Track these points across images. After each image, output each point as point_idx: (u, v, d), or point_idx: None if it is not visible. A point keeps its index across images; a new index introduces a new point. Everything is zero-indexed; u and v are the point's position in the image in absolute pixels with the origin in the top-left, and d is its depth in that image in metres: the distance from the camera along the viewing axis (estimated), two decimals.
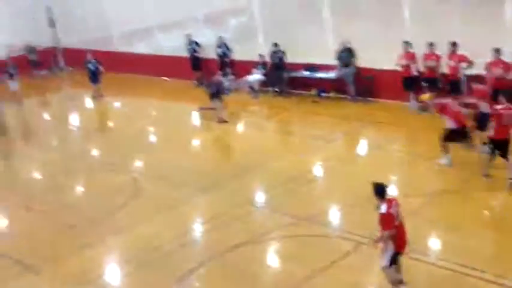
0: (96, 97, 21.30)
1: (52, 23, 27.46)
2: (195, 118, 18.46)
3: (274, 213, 11.18)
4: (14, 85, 21.70)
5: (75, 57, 25.48)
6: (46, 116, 21.87)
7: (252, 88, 19.32)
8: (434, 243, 9.70)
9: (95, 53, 22.21)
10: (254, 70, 19.52)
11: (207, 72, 20.18)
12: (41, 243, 11.03)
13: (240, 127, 17.56)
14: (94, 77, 21.16)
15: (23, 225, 12.05)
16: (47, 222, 11.99)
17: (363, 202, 9.75)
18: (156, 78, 23.09)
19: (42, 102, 23.57)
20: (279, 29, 19.61)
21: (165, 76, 22.99)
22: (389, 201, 7.83)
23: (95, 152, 16.66)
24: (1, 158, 17.03)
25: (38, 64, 26.50)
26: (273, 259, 9.90)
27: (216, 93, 16.97)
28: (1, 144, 17.89)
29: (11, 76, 21.72)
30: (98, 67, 21.16)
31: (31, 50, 26.38)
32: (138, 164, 14.90)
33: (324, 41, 18.62)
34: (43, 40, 27.04)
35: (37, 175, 15.30)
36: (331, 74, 17.70)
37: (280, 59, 18.69)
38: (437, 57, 15.16)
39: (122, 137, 17.23)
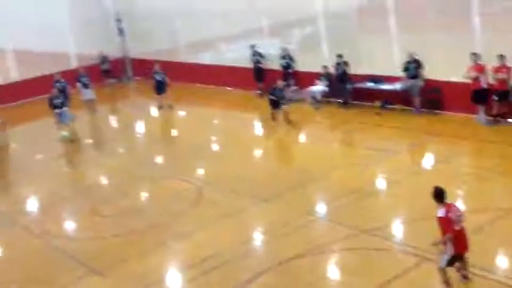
0: (162, 107, 21.71)
1: (121, 34, 28.37)
2: (258, 128, 18.54)
3: (335, 224, 11.06)
4: (88, 94, 22.26)
5: (142, 67, 26.19)
6: (114, 124, 22.52)
7: (314, 99, 19.25)
8: (502, 260, 9.33)
9: (162, 63, 22.74)
10: (317, 81, 19.46)
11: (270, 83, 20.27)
12: (106, 247, 11.33)
13: (302, 137, 17.53)
14: (160, 87, 21.58)
15: (90, 229, 12.43)
16: (112, 227, 12.30)
17: (427, 216, 9.48)
18: (220, 88, 23.39)
19: (111, 110, 24.28)
20: (343, 40, 19.51)
21: (228, 86, 23.25)
22: (448, 206, 7.90)
23: (159, 160, 16.99)
24: (72, 164, 17.63)
25: (109, 73, 27.39)
26: (332, 271, 9.77)
27: (280, 98, 17.13)
28: (73, 151, 18.49)
29: (85, 85, 22.26)
30: (164, 78, 21.57)
31: (104, 59, 27.29)
32: (201, 172, 15.09)
33: (389, 52, 18.38)
34: (113, 50, 27.96)
35: (105, 181, 15.74)
36: (397, 86, 17.42)
37: (344, 70, 18.57)
38: (508, 70, 14.68)
39: (186, 146, 17.51)
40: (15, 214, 13.58)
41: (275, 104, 17.79)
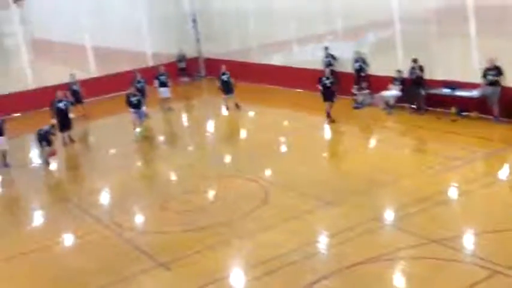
0: (228, 107, 21.93)
1: (196, 33, 28.91)
2: (327, 131, 18.41)
3: (403, 232, 10.80)
4: (165, 92, 22.72)
5: (215, 67, 26.56)
6: (186, 122, 22.95)
7: (387, 104, 18.92)
8: None
9: (233, 63, 22.97)
10: (391, 85, 19.11)
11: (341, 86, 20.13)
12: (173, 241, 11.55)
13: (373, 142, 17.26)
14: (227, 88, 21.81)
15: (158, 223, 12.72)
16: (179, 222, 12.53)
17: (500, 228, 9.13)
18: (290, 89, 23.40)
19: (184, 108, 24.76)
20: (419, 44, 19.07)
21: (299, 88, 23.20)
22: None
23: (227, 158, 17.18)
24: (144, 159, 18.09)
25: (185, 72, 27.96)
26: (397, 280, 9.54)
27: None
28: (145, 147, 18.98)
29: (163, 83, 22.69)
30: (229, 78, 21.74)
31: (182, 58, 27.88)
32: (268, 172, 15.13)
33: (466, 58, 17.80)
34: (188, 49, 28.52)
35: (174, 177, 16.07)
36: (474, 93, 16.85)
37: (419, 75, 18.14)
38: None
39: (254, 145, 17.61)
40: (88, 205, 14.07)
41: (327, 96, 18.28)
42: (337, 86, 19.17)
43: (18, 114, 23.20)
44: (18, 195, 16.08)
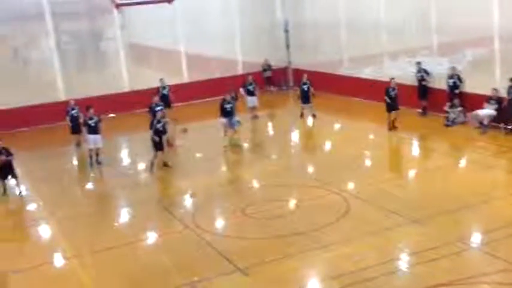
0: (304, 115, 22.03)
1: (287, 44, 29.10)
2: (415, 147, 17.92)
3: (489, 256, 10.30)
4: (252, 101, 22.98)
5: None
6: (271, 130, 23.08)
7: (481, 123, 18.19)
8: None
9: (322, 75, 22.89)
10: (486, 104, 18.36)
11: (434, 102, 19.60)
12: (252, 247, 11.60)
13: (463, 161, 16.63)
14: (305, 97, 21.86)
15: (238, 229, 12.84)
16: (259, 229, 12.59)
17: None
18: (378, 103, 22.99)
19: (269, 117, 24.94)
20: None
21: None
22: None
23: (310, 169, 17.09)
24: (229, 165, 18.31)
25: (270, 81, 28.21)
26: None
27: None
28: (230, 153, 19.23)
29: (251, 92, 22.95)
30: (310, 88, 21.77)
31: (268, 67, 28.17)
32: (351, 185, 14.90)
33: None
34: (277, 59, 28.75)
35: (256, 184, 16.18)
36: None
37: None
38: None
39: (338, 157, 17.42)
40: (172, 206, 14.43)
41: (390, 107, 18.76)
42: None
43: (113, 115, 24.17)
44: (108, 193, 16.73)
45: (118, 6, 19.17)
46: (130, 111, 24.01)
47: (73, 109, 20.51)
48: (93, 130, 17.84)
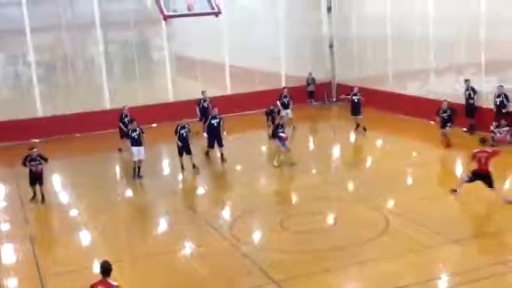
0: (356, 128, 21.91)
1: (331, 58, 29.04)
2: (458, 166, 17.53)
3: None
4: (287, 113, 22.99)
5: (346, 93, 26.42)
6: (311, 143, 22.93)
7: None
8: None
9: (365, 90, 22.72)
10: None
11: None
12: (288, 261, 11.49)
13: (508, 183, 16.14)
14: (355, 108, 21.88)
15: (275, 241, 12.74)
16: (296, 242, 12.48)
17: None
18: (423, 120, 22.69)
19: (310, 130, 24.83)
20: None
21: (432, 120, 22.40)
22: None
23: (349, 183, 16.89)
24: (268, 177, 18.23)
25: (313, 95, 28.13)
26: None
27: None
28: (271, 166, 19.21)
29: (285, 105, 23.04)
30: (360, 99, 21.75)
31: (311, 81, 28.13)
32: (392, 202, 14.65)
33: None
34: (321, 73, 28.68)
35: (295, 197, 16.08)
36: None
37: None
38: None
39: (379, 174, 17.17)
40: (210, 216, 14.45)
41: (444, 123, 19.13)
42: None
43: (155, 125, 24.45)
44: (148, 201, 16.89)
45: (166, 17, 19.45)
46: (173, 121, 24.21)
47: (126, 116, 20.91)
48: (136, 142, 18.02)
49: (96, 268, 11.25)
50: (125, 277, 11.32)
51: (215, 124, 19.38)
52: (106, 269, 8.40)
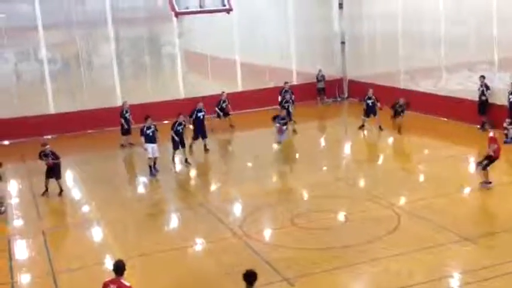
0: (360, 128, 22.04)
1: (343, 55, 28.93)
2: (471, 164, 17.41)
3: None
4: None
5: (357, 89, 26.36)
6: (319, 140, 22.83)
7: None
8: None
9: (377, 87, 22.65)
10: None
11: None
12: (299, 258, 11.49)
13: None
14: (369, 111, 21.85)
15: (285, 238, 12.74)
16: (307, 240, 12.47)
17: None
18: (435, 117, 22.59)
19: (318, 127, 24.74)
20: None
21: (445, 117, 22.31)
22: None
23: (361, 181, 16.85)
24: (279, 174, 18.25)
25: (323, 92, 28.06)
26: None
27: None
28: (281, 163, 19.21)
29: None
30: (375, 103, 21.71)
31: (321, 78, 28.06)
32: (402, 200, 14.59)
33: None
34: (332, 70, 28.60)
35: (306, 194, 16.06)
36: None
37: None
38: None
39: (391, 171, 17.13)
40: (220, 213, 14.47)
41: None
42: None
43: (166, 122, 24.50)
44: (159, 197, 16.93)
45: (178, 14, 19.44)
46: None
47: (126, 111, 21.54)
48: (151, 139, 17.95)
49: (108, 264, 11.36)
50: (135, 274, 11.37)
51: (201, 117, 20.12)
52: (119, 268, 8.42)
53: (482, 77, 20.53)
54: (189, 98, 25.63)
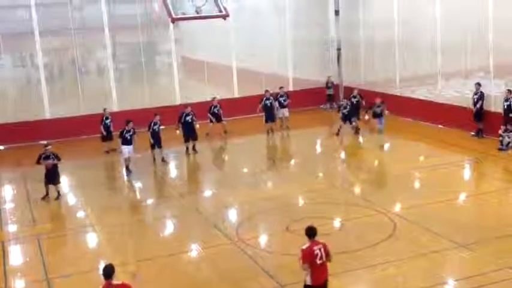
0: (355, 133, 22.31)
1: (339, 62, 29.06)
2: (466, 170, 17.48)
3: None
4: (283, 112, 23.93)
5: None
6: (313, 146, 22.67)
7: None
8: None
9: (373, 94, 22.73)
10: None
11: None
12: (295, 264, 11.28)
13: None
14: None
15: (281, 245, 12.75)
16: (302, 245, 12.39)
17: None
18: (430, 124, 22.64)
19: (310, 133, 24.74)
20: None
21: (440, 124, 22.36)
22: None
23: (357, 187, 16.86)
24: (273, 180, 18.25)
25: (333, 98, 28.06)
26: None
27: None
28: (276, 169, 19.21)
29: (281, 104, 23.88)
30: (360, 101, 22.85)
31: (331, 84, 28.14)
32: (399, 206, 14.60)
33: None
34: (328, 76, 28.70)
35: (301, 200, 16.04)
36: None
37: None
38: None
39: (387, 178, 17.19)
40: (216, 219, 14.44)
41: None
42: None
43: (162, 127, 24.48)
44: (153, 203, 16.89)
45: (174, 20, 19.49)
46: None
47: (107, 118, 21.94)
48: (127, 141, 18.69)
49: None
50: (130, 280, 11.33)
51: (189, 120, 20.74)
52: (107, 273, 8.39)
53: (478, 84, 20.60)
54: (185, 104, 25.63)
